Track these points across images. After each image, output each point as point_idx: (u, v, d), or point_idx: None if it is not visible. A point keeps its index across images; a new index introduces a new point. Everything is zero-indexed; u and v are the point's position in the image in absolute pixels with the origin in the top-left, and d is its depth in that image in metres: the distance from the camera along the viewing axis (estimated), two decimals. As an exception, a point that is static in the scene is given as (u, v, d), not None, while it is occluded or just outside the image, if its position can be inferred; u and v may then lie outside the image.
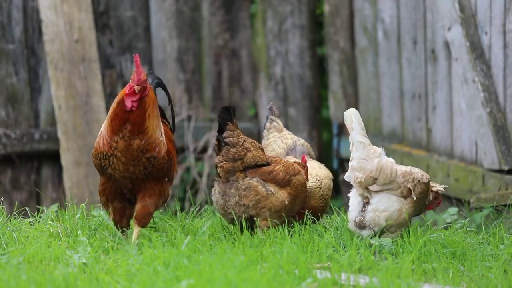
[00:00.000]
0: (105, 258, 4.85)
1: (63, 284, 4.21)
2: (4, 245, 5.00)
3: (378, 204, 5.27)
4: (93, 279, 4.33)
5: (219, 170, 5.28)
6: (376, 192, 5.28)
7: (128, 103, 4.95)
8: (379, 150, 5.32)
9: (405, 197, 5.28)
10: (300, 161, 5.55)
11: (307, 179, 5.56)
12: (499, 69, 6.38)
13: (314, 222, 5.45)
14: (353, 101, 8.02)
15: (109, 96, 7.80)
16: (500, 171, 6.40)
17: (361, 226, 5.29)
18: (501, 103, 6.39)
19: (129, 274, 4.41)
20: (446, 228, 5.99)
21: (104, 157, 5.01)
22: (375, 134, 7.68)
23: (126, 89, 4.96)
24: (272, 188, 5.28)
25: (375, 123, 7.74)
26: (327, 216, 5.83)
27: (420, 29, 7.18)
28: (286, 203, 5.29)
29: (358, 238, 5.15)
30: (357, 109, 7.87)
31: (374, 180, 5.26)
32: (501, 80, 6.38)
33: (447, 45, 6.84)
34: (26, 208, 5.89)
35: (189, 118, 8.12)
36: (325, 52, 8.21)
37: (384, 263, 4.74)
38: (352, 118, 5.33)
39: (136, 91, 4.93)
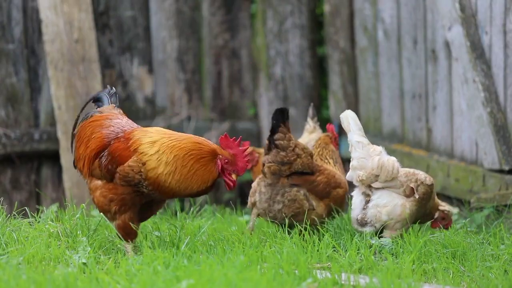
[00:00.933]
0: (105, 258, 4.85)
1: (63, 284, 4.20)
2: (4, 245, 5.00)
3: (379, 200, 5.29)
4: (93, 279, 4.32)
5: (265, 169, 5.31)
6: (378, 189, 5.31)
7: (230, 187, 4.91)
8: (379, 148, 5.35)
9: (407, 196, 5.30)
10: (330, 133, 5.70)
11: (336, 148, 5.68)
12: (499, 69, 6.38)
13: None
14: (353, 101, 8.02)
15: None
16: (500, 171, 6.39)
17: (362, 223, 5.31)
18: (501, 103, 6.39)
19: (129, 274, 4.40)
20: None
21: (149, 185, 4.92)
22: (375, 134, 7.68)
23: (226, 176, 4.87)
24: (314, 201, 5.32)
25: (375, 123, 7.74)
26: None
27: (420, 29, 7.18)
28: (323, 216, 5.35)
29: (358, 238, 5.15)
30: (357, 109, 7.95)
31: (376, 177, 5.29)
32: (502, 80, 6.37)
33: (447, 45, 6.83)
34: (26, 208, 5.88)
35: (189, 118, 8.12)
36: (325, 52, 8.20)
37: (384, 263, 4.74)
38: (348, 119, 5.36)
39: (234, 179, 4.91)
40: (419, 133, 7.29)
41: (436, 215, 5.50)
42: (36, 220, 5.51)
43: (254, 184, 5.43)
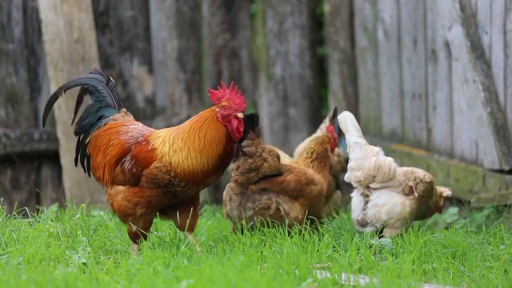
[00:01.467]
0: (105, 258, 4.85)
1: (63, 284, 4.20)
2: (4, 245, 5.00)
3: (377, 200, 5.29)
4: (93, 279, 4.32)
5: (233, 182, 5.27)
6: (376, 189, 5.31)
7: (237, 135, 4.91)
8: (377, 149, 5.35)
9: (407, 195, 5.30)
10: (328, 134, 5.66)
11: (333, 151, 5.63)
12: (499, 69, 6.38)
13: None
14: (353, 101, 8.02)
15: (109, 96, 7.79)
16: (500, 171, 6.39)
17: (362, 223, 5.31)
18: (501, 103, 6.39)
19: (129, 274, 4.40)
20: (446, 228, 5.99)
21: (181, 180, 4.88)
22: (375, 134, 7.67)
23: (231, 122, 4.88)
24: (286, 205, 5.27)
25: (375, 123, 7.74)
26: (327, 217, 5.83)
27: (420, 29, 7.18)
28: (300, 217, 5.31)
29: (358, 238, 5.15)
30: (357, 109, 7.94)
31: (373, 178, 5.29)
32: (502, 80, 6.37)
33: (447, 45, 6.83)
34: (26, 208, 5.88)
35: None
36: (325, 52, 8.20)
37: (384, 263, 4.74)
38: (346, 120, 5.37)
39: (241, 118, 4.91)
40: (419, 133, 7.29)
41: (442, 202, 5.53)
42: (36, 220, 5.51)
43: (224, 194, 5.40)
